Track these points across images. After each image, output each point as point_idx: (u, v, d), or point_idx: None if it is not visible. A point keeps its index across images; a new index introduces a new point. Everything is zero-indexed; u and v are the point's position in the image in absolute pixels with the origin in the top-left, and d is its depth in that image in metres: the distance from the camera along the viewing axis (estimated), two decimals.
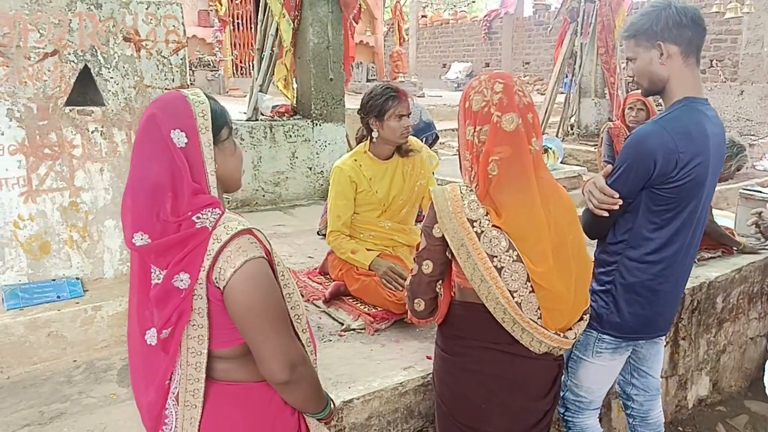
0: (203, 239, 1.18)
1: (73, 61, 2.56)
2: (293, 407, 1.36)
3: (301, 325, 1.35)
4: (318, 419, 1.40)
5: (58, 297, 2.54)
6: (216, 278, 1.19)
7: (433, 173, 3.29)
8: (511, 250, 1.60)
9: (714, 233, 3.51)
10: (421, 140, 4.05)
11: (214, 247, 1.18)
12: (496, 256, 1.60)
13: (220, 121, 1.27)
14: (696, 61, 1.88)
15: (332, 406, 1.45)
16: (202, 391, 1.27)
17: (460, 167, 1.75)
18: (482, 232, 1.60)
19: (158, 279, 1.22)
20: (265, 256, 1.24)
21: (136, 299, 1.29)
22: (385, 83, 2.84)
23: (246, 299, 1.20)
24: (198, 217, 1.18)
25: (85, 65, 2.59)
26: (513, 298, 1.61)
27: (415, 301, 1.78)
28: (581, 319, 1.78)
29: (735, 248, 3.63)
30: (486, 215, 1.61)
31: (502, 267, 1.60)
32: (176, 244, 1.18)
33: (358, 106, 2.85)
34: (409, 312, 1.87)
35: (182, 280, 1.18)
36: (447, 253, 1.70)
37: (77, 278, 2.68)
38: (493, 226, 1.60)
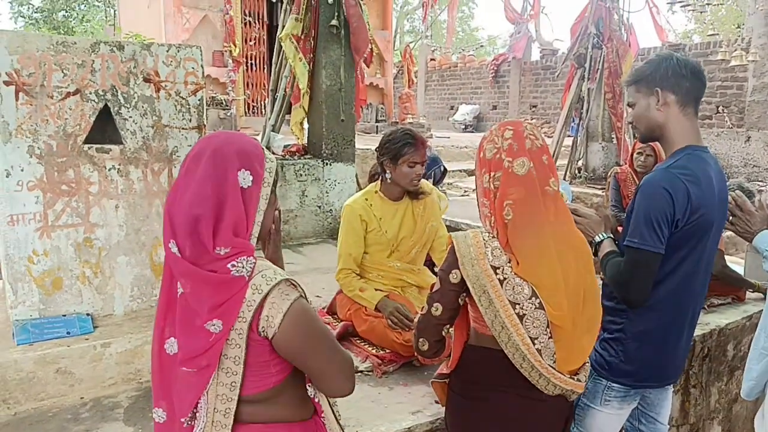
0: (240, 289, 1.22)
1: (93, 101, 2.62)
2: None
3: None
4: None
5: (68, 333, 2.54)
6: (262, 327, 1.23)
7: (442, 215, 3.30)
8: (534, 298, 1.62)
9: (727, 278, 3.51)
10: (428, 176, 4.07)
11: (255, 298, 1.22)
12: (519, 304, 1.61)
13: (276, 177, 1.36)
14: (694, 112, 1.94)
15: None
16: None
17: (480, 215, 1.78)
18: (505, 279, 1.62)
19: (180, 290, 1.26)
20: (303, 295, 1.31)
21: (160, 304, 1.32)
22: (407, 128, 2.87)
23: (304, 335, 1.26)
24: (233, 265, 1.21)
25: (106, 104, 2.65)
26: (534, 345, 1.62)
27: (420, 340, 1.81)
28: (585, 362, 1.79)
29: (751, 289, 3.63)
30: (509, 262, 1.63)
31: (524, 314, 1.61)
32: (207, 283, 1.20)
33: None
34: (414, 349, 1.89)
35: (214, 326, 1.21)
36: (460, 299, 1.72)
37: (87, 314, 2.69)
38: (515, 273, 1.62)
